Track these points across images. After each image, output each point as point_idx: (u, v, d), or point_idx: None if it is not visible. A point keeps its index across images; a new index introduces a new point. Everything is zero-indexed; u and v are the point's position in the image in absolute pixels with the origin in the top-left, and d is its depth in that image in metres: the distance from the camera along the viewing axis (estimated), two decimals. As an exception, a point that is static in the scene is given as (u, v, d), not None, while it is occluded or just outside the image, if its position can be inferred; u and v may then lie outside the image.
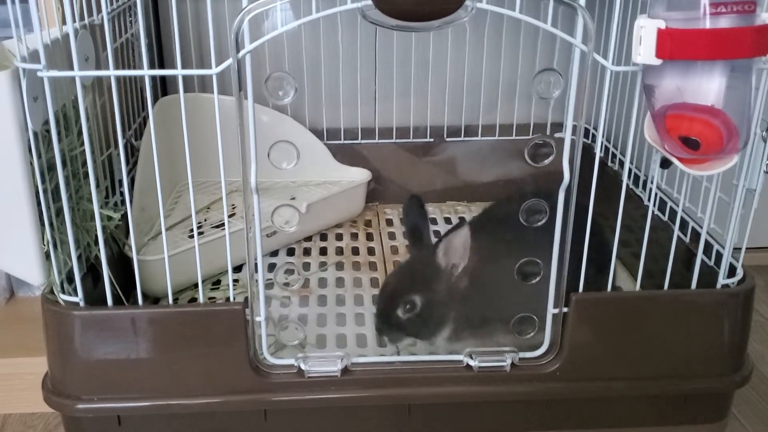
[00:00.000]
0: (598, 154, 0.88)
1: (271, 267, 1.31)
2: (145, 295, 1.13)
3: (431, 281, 0.95)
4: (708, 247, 0.98)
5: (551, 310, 0.90)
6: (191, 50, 1.50)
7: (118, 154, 1.10)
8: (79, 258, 0.90)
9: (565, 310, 0.90)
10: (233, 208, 1.41)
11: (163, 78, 1.51)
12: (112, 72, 0.80)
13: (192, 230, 1.30)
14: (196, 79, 1.50)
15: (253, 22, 0.77)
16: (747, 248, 0.95)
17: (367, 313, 1.18)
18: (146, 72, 0.80)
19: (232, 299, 0.90)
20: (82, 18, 1.01)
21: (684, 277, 0.96)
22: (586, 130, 1.50)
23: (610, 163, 1.41)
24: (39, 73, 0.78)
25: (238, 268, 1.28)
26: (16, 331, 1.15)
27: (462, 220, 1.46)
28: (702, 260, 0.94)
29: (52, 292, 0.89)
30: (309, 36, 1.50)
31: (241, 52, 0.76)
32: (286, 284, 1.23)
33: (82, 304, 0.88)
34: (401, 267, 1.02)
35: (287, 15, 1.32)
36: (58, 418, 1.06)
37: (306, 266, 1.33)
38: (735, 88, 0.76)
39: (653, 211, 1.16)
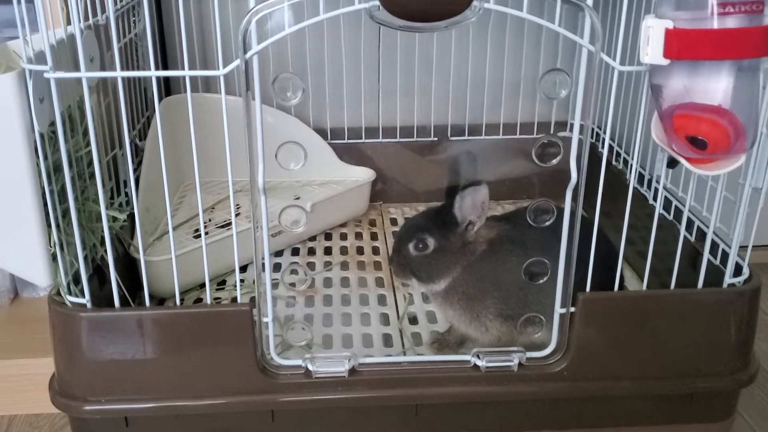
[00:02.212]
0: (605, 154, 0.87)
1: (277, 267, 1.31)
2: (152, 296, 1.14)
3: (447, 230, 0.97)
4: (714, 246, 0.98)
5: (558, 309, 0.90)
6: (195, 51, 1.50)
7: (123, 155, 1.10)
8: (85, 259, 0.90)
9: (572, 309, 0.90)
10: (238, 208, 1.41)
11: (166, 78, 1.51)
12: (119, 73, 0.80)
13: (196, 230, 1.30)
14: (200, 80, 1.50)
15: (257, 23, 0.76)
16: (752, 246, 0.95)
17: (373, 313, 1.18)
18: (153, 73, 0.80)
19: (239, 300, 0.90)
20: (86, 18, 1.01)
21: (690, 276, 0.96)
22: (591, 130, 1.50)
23: (614, 162, 1.41)
24: (46, 75, 0.78)
25: (243, 269, 1.28)
26: (20, 332, 1.15)
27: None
28: (708, 259, 0.94)
29: (59, 293, 0.89)
30: (312, 36, 1.49)
31: (249, 53, 0.76)
32: (292, 284, 1.23)
33: (89, 305, 0.88)
34: (429, 209, 1.04)
35: (292, 16, 1.32)
36: (63, 419, 1.06)
37: (311, 266, 1.33)
38: (742, 88, 0.76)
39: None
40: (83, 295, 0.88)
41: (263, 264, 0.87)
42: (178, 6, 1.19)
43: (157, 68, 1.42)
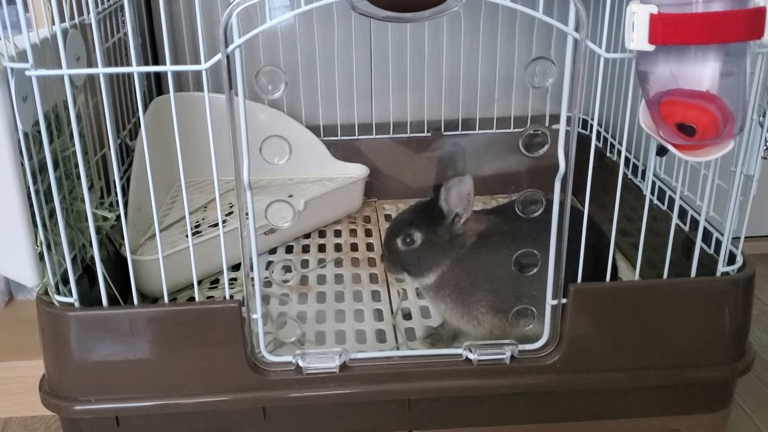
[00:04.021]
0: (593, 142, 0.87)
1: (270, 265, 1.31)
2: (144, 295, 1.14)
3: (434, 223, 0.97)
4: (708, 235, 0.97)
5: (550, 301, 0.89)
6: (185, 47, 1.50)
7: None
8: (74, 259, 0.89)
9: (564, 301, 0.89)
10: (231, 207, 1.41)
11: (158, 78, 1.50)
12: (100, 70, 0.79)
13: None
14: (191, 78, 1.50)
15: (247, 18, 0.76)
16: (748, 237, 0.95)
17: (366, 309, 1.17)
18: (135, 69, 0.79)
19: (227, 297, 0.90)
20: (73, 17, 1.01)
21: (684, 266, 0.95)
22: (585, 122, 1.49)
23: (608, 154, 1.40)
24: (27, 73, 0.77)
25: (238, 267, 1.28)
26: (15, 334, 1.15)
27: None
28: (702, 248, 0.93)
29: (47, 293, 0.89)
30: (303, 31, 1.49)
31: (230, 47, 0.76)
32: (285, 281, 1.23)
33: (76, 304, 0.88)
34: (417, 203, 1.04)
35: (279, 9, 1.32)
36: (58, 421, 1.05)
37: (305, 263, 1.32)
38: (730, 73, 0.75)
39: (652, 201, 1.16)
40: (72, 295, 0.88)
41: (251, 261, 0.86)
42: (166, 2, 1.19)
43: (145, 66, 1.43)
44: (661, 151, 0.84)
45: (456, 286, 0.97)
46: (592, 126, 1.48)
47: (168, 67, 0.78)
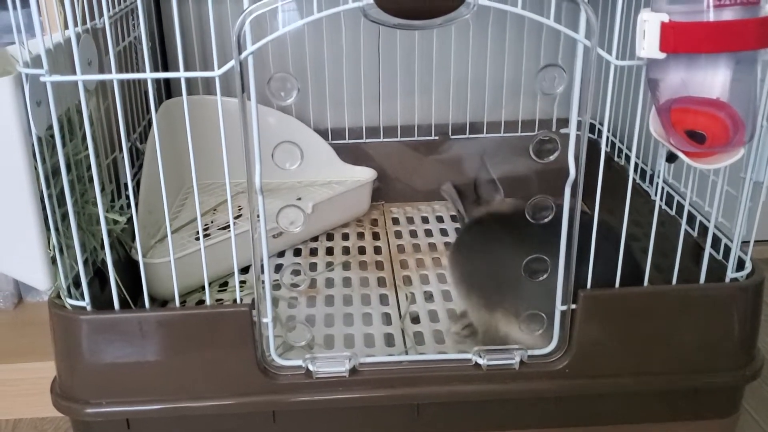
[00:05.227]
0: (603, 148, 0.87)
1: (278, 268, 1.31)
2: (154, 298, 1.14)
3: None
4: (716, 241, 0.97)
5: (559, 307, 0.90)
6: (195, 52, 1.50)
7: (123, 158, 1.11)
8: (85, 262, 0.90)
9: (573, 306, 0.90)
10: (240, 210, 1.41)
11: (167, 81, 1.51)
12: (114, 75, 0.80)
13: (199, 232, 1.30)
14: (200, 82, 1.50)
15: (257, 24, 0.76)
16: (757, 242, 0.95)
17: (375, 313, 1.18)
18: (149, 75, 0.80)
19: (239, 301, 0.90)
20: (84, 22, 1.01)
21: (693, 271, 0.95)
22: (593, 126, 1.49)
23: (616, 158, 1.41)
24: (42, 78, 0.78)
25: (246, 270, 1.28)
26: (25, 336, 1.15)
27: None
28: (710, 254, 0.93)
29: (59, 296, 0.89)
30: (312, 36, 1.49)
31: (243, 54, 0.76)
32: (294, 285, 1.23)
33: (88, 308, 0.88)
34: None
35: (290, 15, 1.32)
36: (68, 423, 1.06)
37: (313, 266, 1.33)
38: (740, 81, 0.75)
39: (661, 206, 1.16)
40: (83, 298, 0.88)
41: (262, 265, 0.87)
42: (177, 7, 1.19)
43: (156, 71, 1.44)
44: (671, 158, 0.85)
45: (452, 257, 1.08)
46: (600, 131, 1.49)
47: (181, 74, 0.79)
